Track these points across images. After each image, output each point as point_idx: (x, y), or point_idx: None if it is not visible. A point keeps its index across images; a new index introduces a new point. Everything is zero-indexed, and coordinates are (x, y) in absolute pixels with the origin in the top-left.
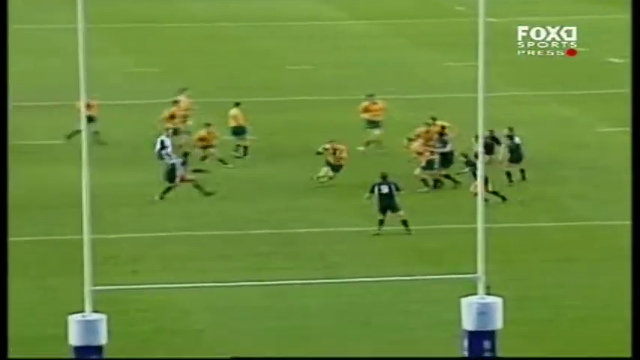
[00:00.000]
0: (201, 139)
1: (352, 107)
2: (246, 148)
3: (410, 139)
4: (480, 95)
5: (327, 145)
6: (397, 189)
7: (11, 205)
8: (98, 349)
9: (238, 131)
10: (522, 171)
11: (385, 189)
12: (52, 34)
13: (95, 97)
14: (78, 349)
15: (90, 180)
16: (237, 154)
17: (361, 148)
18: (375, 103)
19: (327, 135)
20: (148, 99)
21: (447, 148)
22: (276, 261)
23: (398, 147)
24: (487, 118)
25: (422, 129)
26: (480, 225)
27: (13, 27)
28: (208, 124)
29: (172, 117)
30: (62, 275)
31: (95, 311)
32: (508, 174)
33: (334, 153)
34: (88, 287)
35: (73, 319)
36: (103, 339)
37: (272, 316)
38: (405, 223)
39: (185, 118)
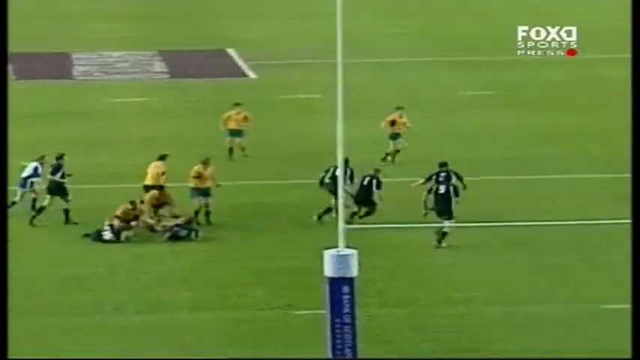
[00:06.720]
0: None
1: None
2: None
3: None
4: None
5: None
6: None
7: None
8: (349, 280)
9: None
10: None
11: None
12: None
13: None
14: (331, 280)
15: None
16: None
17: None
18: None
19: None
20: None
21: None
22: None
23: None
24: None
25: None
26: None
27: None
28: None
29: None
30: None
31: (347, 247)
32: None
33: None
34: (341, 226)
35: (328, 254)
36: (354, 272)
37: None
38: None
39: None
